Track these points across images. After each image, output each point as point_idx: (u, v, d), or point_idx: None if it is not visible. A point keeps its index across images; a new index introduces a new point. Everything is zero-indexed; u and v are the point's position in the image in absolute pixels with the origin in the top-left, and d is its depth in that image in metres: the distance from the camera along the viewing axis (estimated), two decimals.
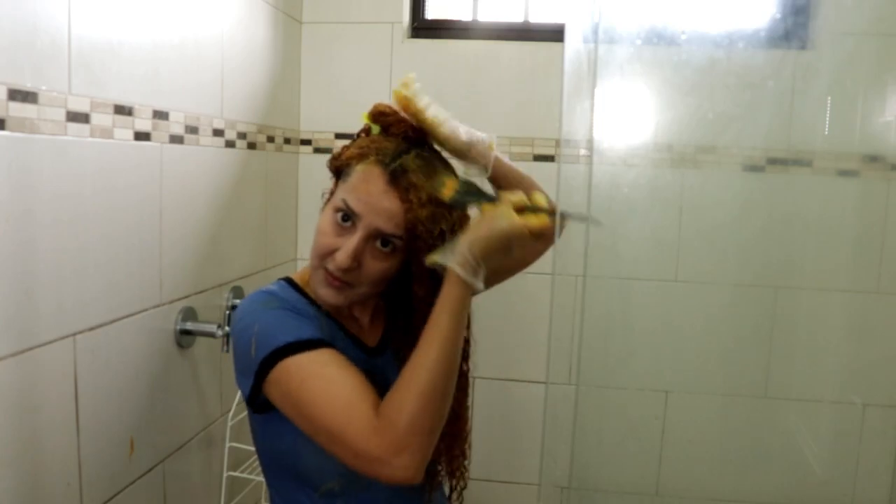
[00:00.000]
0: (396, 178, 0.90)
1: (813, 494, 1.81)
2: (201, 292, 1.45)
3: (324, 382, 0.85)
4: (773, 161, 1.78)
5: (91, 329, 1.11)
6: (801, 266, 1.79)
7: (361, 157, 0.93)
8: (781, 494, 1.82)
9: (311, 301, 0.97)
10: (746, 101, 1.72)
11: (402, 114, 0.97)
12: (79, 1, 1.04)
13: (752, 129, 1.74)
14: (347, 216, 0.91)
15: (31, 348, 0.99)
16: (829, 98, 1.73)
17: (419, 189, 0.90)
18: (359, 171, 0.92)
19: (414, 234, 0.90)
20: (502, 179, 1.06)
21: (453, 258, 0.86)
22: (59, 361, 1.05)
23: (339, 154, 0.98)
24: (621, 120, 1.77)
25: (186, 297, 1.40)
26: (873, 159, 1.76)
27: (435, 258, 0.88)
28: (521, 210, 0.88)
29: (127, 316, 1.21)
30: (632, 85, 1.75)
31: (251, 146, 1.66)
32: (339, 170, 0.97)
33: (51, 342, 1.03)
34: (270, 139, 1.77)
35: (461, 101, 1.92)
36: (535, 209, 0.88)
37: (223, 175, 1.53)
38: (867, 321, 1.79)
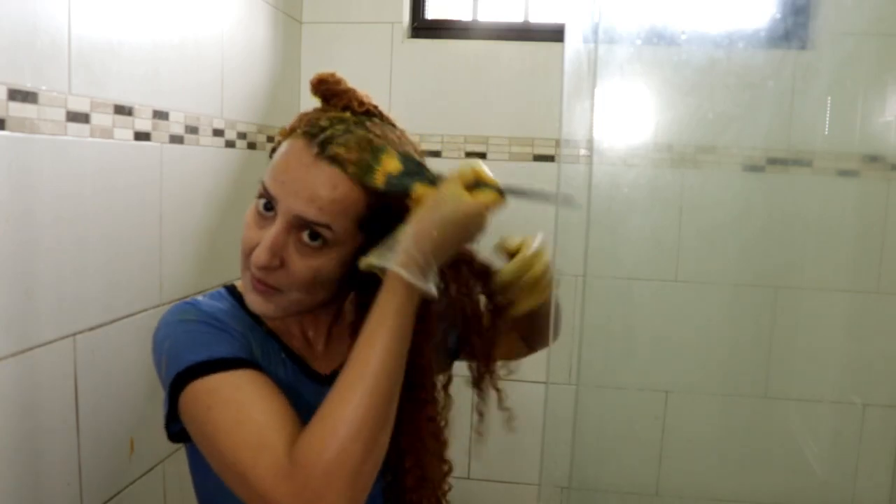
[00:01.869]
0: (324, 151, 0.72)
1: (813, 494, 1.81)
2: (201, 292, 1.45)
3: (233, 410, 0.69)
4: (773, 161, 1.78)
5: (91, 329, 1.11)
6: (801, 266, 1.79)
7: (290, 131, 0.78)
8: (781, 494, 1.82)
9: (251, 312, 0.81)
10: (746, 101, 1.71)
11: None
12: (79, 1, 1.04)
13: (752, 129, 1.74)
14: (269, 203, 0.76)
15: (31, 348, 0.99)
16: (829, 98, 1.72)
17: (351, 163, 0.73)
18: (282, 147, 0.77)
19: None
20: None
21: (394, 258, 0.69)
22: (59, 361, 1.05)
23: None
24: (621, 120, 1.77)
25: (186, 297, 1.39)
26: (873, 159, 1.76)
27: (371, 260, 0.71)
28: (471, 188, 0.73)
29: (127, 316, 1.21)
30: (632, 85, 1.75)
31: (251, 146, 1.66)
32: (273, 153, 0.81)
33: (51, 342, 1.03)
34: (270, 139, 1.77)
35: (461, 101, 1.92)
36: (486, 184, 0.73)
37: (223, 175, 1.53)
38: (867, 321, 1.79)
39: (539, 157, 1.91)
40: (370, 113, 0.79)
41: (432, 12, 2.00)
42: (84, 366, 1.10)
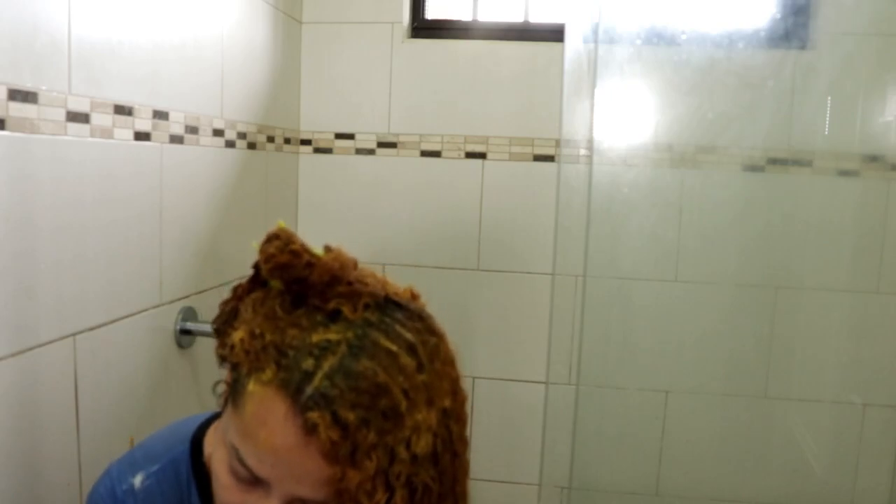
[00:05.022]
0: (311, 423, 0.54)
1: (813, 494, 1.81)
2: (201, 292, 1.45)
3: None
4: (773, 161, 1.78)
5: (91, 329, 1.11)
6: (801, 266, 1.79)
7: (254, 364, 0.57)
8: (781, 494, 1.82)
9: (204, 487, 0.71)
10: (746, 101, 1.72)
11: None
12: (79, 1, 1.04)
13: (752, 129, 1.74)
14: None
15: (31, 348, 0.99)
16: (829, 98, 1.73)
17: (361, 443, 0.54)
18: (252, 401, 0.57)
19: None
20: None
21: None
22: (59, 361, 1.05)
23: (223, 326, 0.64)
24: (621, 120, 1.77)
25: (186, 297, 1.40)
26: (873, 159, 1.76)
27: None
28: None
29: (127, 316, 1.21)
30: (632, 85, 1.75)
31: (251, 146, 1.66)
32: (229, 364, 0.62)
33: (51, 342, 1.03)
34: (270, 139, 1.77)
35: (461, 101, 1.92)
36: None
37: (223, 175, 1.53)
38: (867, 321, 1.79)
39: (539, 157, 1.91)
40: (369, 303, 0.59)
41: (432, 12, 2.01)
42: (84, 366, 1.10)
